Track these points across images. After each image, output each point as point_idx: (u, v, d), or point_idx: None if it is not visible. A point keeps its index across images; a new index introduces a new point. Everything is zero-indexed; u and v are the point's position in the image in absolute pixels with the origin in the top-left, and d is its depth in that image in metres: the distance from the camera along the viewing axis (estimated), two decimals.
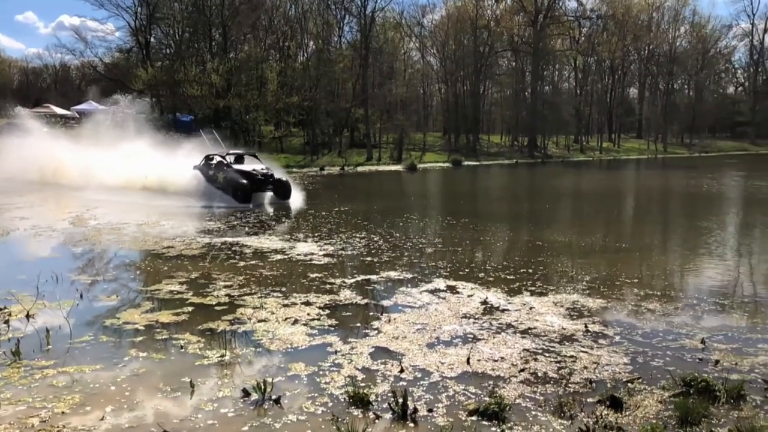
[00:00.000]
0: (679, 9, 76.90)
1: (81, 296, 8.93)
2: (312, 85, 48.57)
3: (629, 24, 69.35)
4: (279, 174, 21.78)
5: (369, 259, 11.96)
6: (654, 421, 5.19)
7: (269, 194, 20.75)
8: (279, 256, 11.97)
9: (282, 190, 20.87)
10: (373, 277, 10.32)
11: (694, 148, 72.96)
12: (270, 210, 19.66)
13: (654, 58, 75.90)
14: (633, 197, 28.67)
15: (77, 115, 47.06)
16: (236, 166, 21.01)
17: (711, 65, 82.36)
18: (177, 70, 44.62)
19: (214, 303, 8.69)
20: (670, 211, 22.91)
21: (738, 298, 9.48)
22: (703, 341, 7.22)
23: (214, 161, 21.50)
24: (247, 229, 15.57)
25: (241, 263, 11.33)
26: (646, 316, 8.31)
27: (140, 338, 7.23)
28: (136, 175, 22.32)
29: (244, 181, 19.99)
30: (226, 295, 9.04)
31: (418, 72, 66.18)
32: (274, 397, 5.63)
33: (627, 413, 5.40)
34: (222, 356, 6.67)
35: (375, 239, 14.03)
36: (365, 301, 8.93)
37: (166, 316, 8.03)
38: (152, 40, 53.27)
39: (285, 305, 8.55)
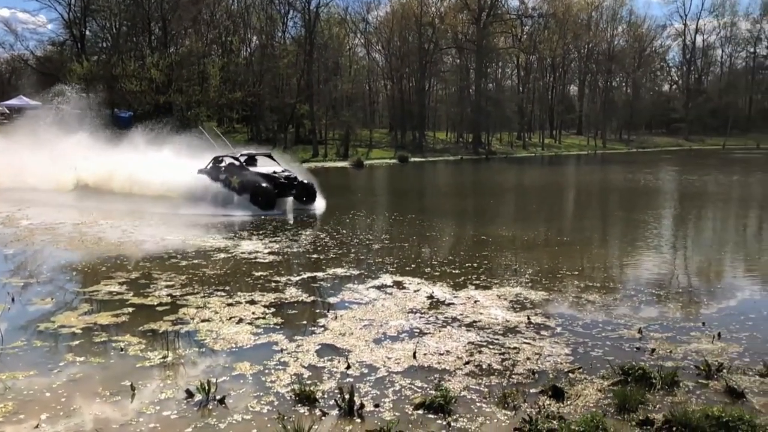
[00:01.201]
0: (617, 9, 79.52)
1: (13, 300, 8.55)
2: (255, 81, 47.92)
3: (569, 23, 71.09)
4: (301, 176, 19.40)
5: (315, 256, 11.89)
6: (594, 410, 5.34)
7: (289, 199, 18.58)
8: (223, 255, 11.76)
9: (306, 195, 18.74)
10: (320, 275, 10.27)
11: (631, 143, 75.50)
12: (291, 215, 17.82)
13: (593, 56, 78.11)
14: (574, 192, 29.46)
15: (7, 111, 45.00)
16: (254, 169, 18.66)
17: (647, 64, 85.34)
18: (114, 65, 43.27)
19: (155, 303, 8.47)
20: (609, 206, 23.68)
21: (673, 288, 9.85)
22: (640, 331, 7.48)
23: (224, 163, 19.01)
24: (190, 226, 15.23)
25: (184, 262, 11.08)
26: (586, 308, 8.55)
27: (77, 342, 6.98)
28: (66, 173, 21.02)
29: (266, 185, 17.84)
30: (168, 295, 8.82)
31: (364, 68, 66.14)
32: (218, 397, 5.53)
33: (568, 402, 5.54)
34: (164, 358, 6.51)
35: (321, 236, 13.96)
36: (311, 298, 8.88)
37: (104, 318, 7.78)
38: (87, 33, 51.44)
39: (229, 304, 8.41)
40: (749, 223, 19.01)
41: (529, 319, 7.88)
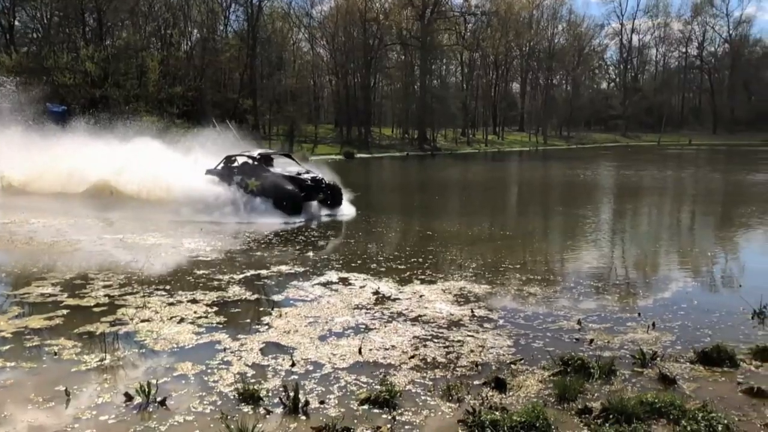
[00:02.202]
0: (557, 8, 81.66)
1: None
2: (197, 75, 46.91)
3: (511, 21, 72.46)
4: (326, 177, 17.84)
5: (259, 253, 11.73)
6: (535, 400, 5.46)
7: (314, 203, 16.68)
8: (164, 253, 11.47)
9: (333, 198, 17.06)
10: (264, 272, 10.14)
11: (571, 140, 77.61)
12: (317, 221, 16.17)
13: (534, 54, 79.92)
14: (517, 187, 30.07)
15: None
16: (275, 170, 17.02)
17: (586, 62, 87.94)
18: (46, 57, 41.49)
19: (92, 304, 8.18)
20: (550, 200, 24.27)
21: (611, 280, 10.17)
22: (579, 322, 7.69)
23: (237, 163, 17.31)
24: (129, 224, 14.75)
25: (122, 261, 10.75)
26: (528, 300, 8.74)
27: (7, 347, 6.66)
28: None
29: (292, 188, 16.13)
30: (105, 296, 8.54)
31: (308, 63, 65.67)
32: (159, 399, 5.38)
33: (511, 393, 5.65)
34: (101, 360, 6.29)
35: (265, 233, 13.79)
36: (255, 296, 8.75)
37: (37, 321, 7.46)
38: (17, 23, 49.14)
39: (170, 304, 8.20)
40: (682, 217, 19.84)
41: (472, 312, 7.99)
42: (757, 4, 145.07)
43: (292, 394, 5.33)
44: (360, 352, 6.56)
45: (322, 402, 5.43)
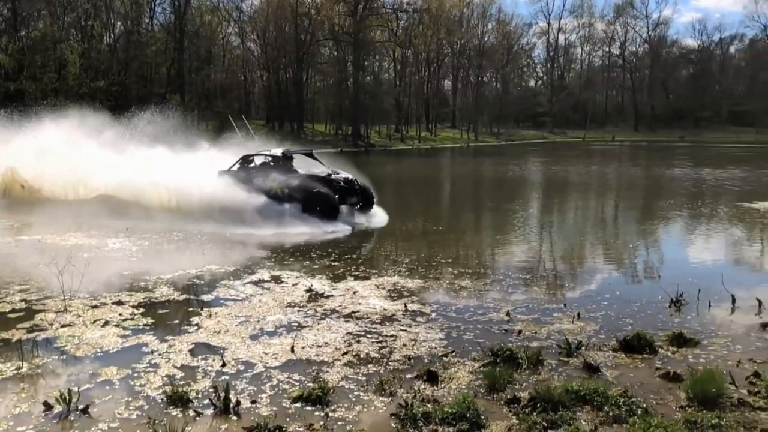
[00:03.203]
0: (486, 6, 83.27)
1: None
2: (121, 69, 45.21)
3: (443, 19, 73.31)
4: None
5: (188, 253, 11.44)
6: (466, 391, 5.56)
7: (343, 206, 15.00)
8: (86, 254, 10.99)
9: (366, 200, 15.63)
10: (193, 272, 9.88)
11: (501, 136, 79.40)
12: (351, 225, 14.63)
13: (465, 52, 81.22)
14: (449, 184, 30.53)
15: None
16: (303, 170, 15.40)
17: (515, 60, 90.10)
18: None
19: (7, 310, 7.76)
20: (481, 196, 24.78)
21: (539, 272, 10.50)
22: (508, 314, 7.88)
23: (256, 163, 15.75)
24: (50, 223, 14.07)
25: (42, 263, 10.22)
26: (459, 293, 8.89)
27: None
28: None
29: (326, 191, 14.50)
30: (21, 301, 8.12)
31: (239, 58, 64.50)
32: (81, 406, 5.16)
33: (442, 386, 5.73)
34: (18, 369, 5.98)
35: (194, 232, 13.44)
36: (184, 296, 8.53)
37: None
38: None
39: (93, 306, 7.88)
40: (606, 210, 20.65)
41: (405, 306, 8.05)
42: (674, 6, 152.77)
43: (222, 394, 5.22)
44: (292, 350, 6.50)
45: (253, 401, 5.34)
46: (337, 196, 14.51)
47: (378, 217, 15.53)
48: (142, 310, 7.82)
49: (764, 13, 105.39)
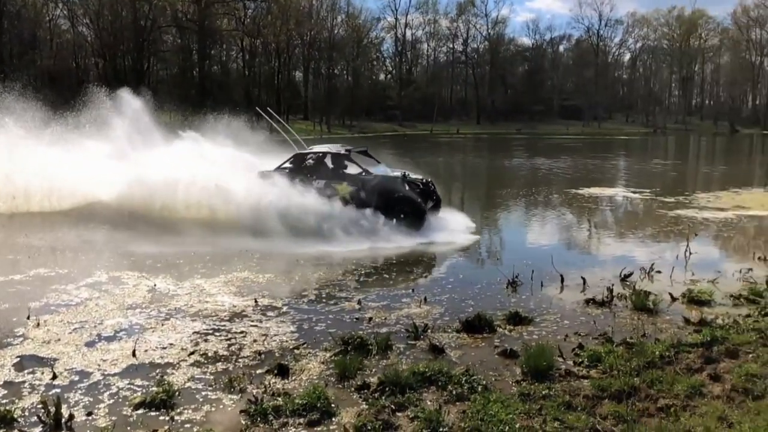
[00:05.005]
0: None
1: None
2: None
3: (291, 9, 72.48)
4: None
5: (11, 257, 10.34)
6: (317, 381, 5.58)
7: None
8: None
9: (437, 203, 13.86)
10: (17, 277, 8.97)
11: (354, 129, 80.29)
12: None
13: (316, 43, 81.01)
14: None
15: None
16: (377, 170, 13.54)
17: (365, 53, 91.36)
18: None
19: None
20: None
21: (388, 260, 10.69)
22: (359, 302, 8.01)
23: (311, 162, 13.74)
24: None
25: None
26: (311, 285, 8.87)
27: None
28: None
29: (412, 195, 12.69)
30: None
31: (69, 43, 59.34)
32: None
33: (293, 378, 5.70)
34: None
35: (23, 233, 12.21)
36: (5, 305, 7.69)
37: None
38: None
39: None
40: (453, 198, 21.62)
41: (256, 301, 7.90)
42: (510, 6, 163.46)
43: (52, 409, 4.81)
44: (134, 354, 6.14)
45: (89, 413, 4.98)
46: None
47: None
48: None
49: (587, 16, 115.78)
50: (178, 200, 13.15)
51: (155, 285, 8.56)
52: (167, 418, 4.93)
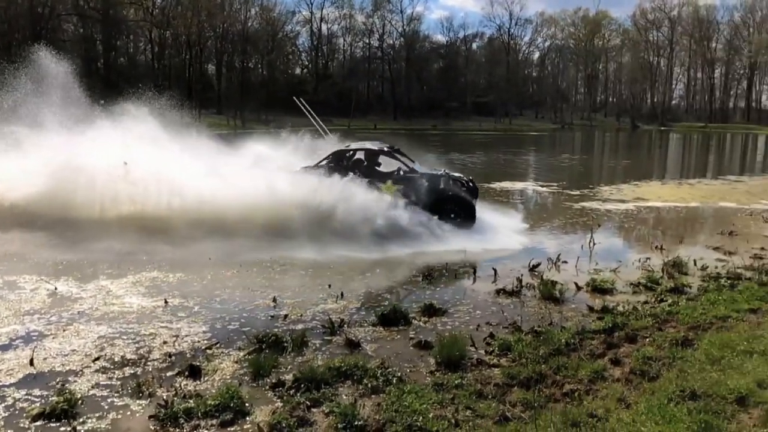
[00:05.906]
0: None
1: None
2: None
3: (203, 1, 70.46)
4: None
5: None
6: (230, 381, 5.47)
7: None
8: None
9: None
10: None
11: (272, 123, 79.05)
12: None
13: (229, 36, 79.08)
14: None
15: None
16: (422, 170, 13.08)
17: (280, 47, 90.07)
18: None
19: None
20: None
21: (301, 258, 10.48)
22: (274, 299, 7.89)
23: (353, 159, 13.15)
24: None
25: None
26: (223, 283, 8.63)
27: None
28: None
29: (463, 194, 12.48)
30: None
31: None
32: None
33: (206, 379, 5.56)
34: None
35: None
36: None
37: None
38: None
39: None
40: None
41: (166, 302, 7.63)
42: (425, 3, 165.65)
43: None
44: (32, 363, 5.78)
45: None
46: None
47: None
48: None
49: (498, 15, 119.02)
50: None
51: (56, 288, 8.10)
52: (69, 429, 4.69)
